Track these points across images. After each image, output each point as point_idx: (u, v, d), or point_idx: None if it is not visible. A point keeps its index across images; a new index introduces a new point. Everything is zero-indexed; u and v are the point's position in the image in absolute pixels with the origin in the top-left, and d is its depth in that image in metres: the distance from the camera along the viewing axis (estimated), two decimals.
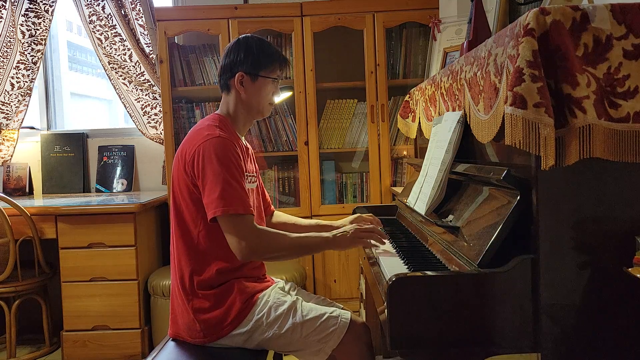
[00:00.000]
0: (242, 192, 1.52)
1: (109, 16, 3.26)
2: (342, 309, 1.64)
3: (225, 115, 1.69)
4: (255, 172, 1.80)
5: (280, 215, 1.97)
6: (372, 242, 1.66)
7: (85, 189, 3.39)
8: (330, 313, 1.57)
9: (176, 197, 1.62)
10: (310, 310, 1.57)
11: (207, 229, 1.57)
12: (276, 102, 1.74)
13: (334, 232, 1.64)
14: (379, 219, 1.89)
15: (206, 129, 1.58)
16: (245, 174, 1.61)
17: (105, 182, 3.36)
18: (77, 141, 3.39)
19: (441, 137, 1.66)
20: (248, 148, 1.77)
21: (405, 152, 3.12)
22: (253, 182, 1.72)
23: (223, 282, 1.58)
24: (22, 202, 2.77)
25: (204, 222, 1.56)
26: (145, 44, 3.25)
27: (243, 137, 1.74)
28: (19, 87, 3.35)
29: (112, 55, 3.29)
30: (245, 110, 1.68)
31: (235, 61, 1.64)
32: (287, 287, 1.76)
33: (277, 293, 1.63)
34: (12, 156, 3.38)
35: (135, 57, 3.27)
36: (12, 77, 3.34)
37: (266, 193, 1.92)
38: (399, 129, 2.75)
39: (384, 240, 1.67)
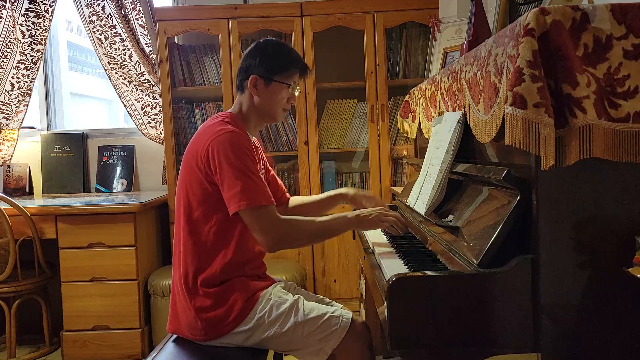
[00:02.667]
0: (261, 184, 1.53)
1: (109, 16, 3.26)
2: (342, 308, 1.64)
3: (237, 114, 1.69)
4: (265, 166, 1.82)
5: (294, 200, 1.98)
6: (394, 227, 1.65)
7: (85, 189, 3.39)
8: (332, 312, 1.57)
9: (186, 194, 1.61)
10: (312, 310, 1.57)
11: (218, 225, 1.57)
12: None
13: (358, 212, 1.66)
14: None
15: (218, 125, 1.58)
16: None
17: (105, 182, 3.36)
18: (77, 141, 3.39)
19: (441, 137, 1.66)
20: (257, 147, 1.77)
21: (405, 152, 3.12)
22: None
23: (225, 280, 1.58)
24: (22, 202, 2.77)
25: (216, 218, 1.57)
26: (145, 44, 3.25)
27: (253, 137, 1.75)
28: (19, 87, 3.35)
29: (112, 55, 3.29)
30: (257, 113, 1.68)
31: (251, 64, 1.64)
32: (287, 287, 1.76)
33: (278, 292, 1.63)
34: (12, 156, 3.38)
35: (135, 57, 3.27)
36: (12, 77, 3.34)
37: (279, 182, 1.94)
38: (399, 129, 2.75)
39: (405, 228, 1.66)
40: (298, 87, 1.71)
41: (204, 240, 1.59)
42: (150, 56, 3.24)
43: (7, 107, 3.35)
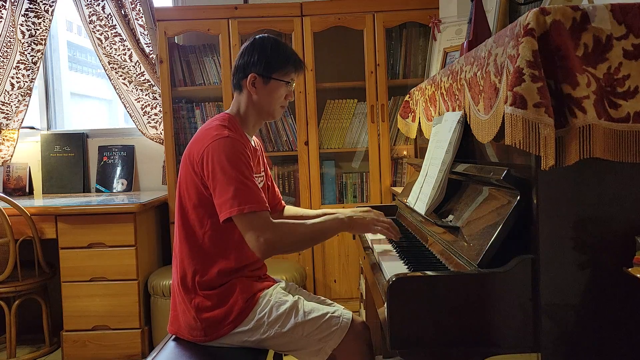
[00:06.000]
0: (255, 189, 1.51)
1: (109, 16, 3.26)
2: (342, 309, 1.64)
3: (235, 115, 1.68)
4: (265, 169, 1.80)
5: (289, 209, 1.97)
6: (387, 232, 1.65)
7: (85, 189, 3.39)
8: (332, 313, 1.57)
9: (182, 197, 1.61)
10: (312, 310, 1.57)
11: (213, 230, 1.57)
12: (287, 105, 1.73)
13: (351, 214, 1.64)
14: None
15: (215, 129, 1.57)
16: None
17: (105, 182, 3.36)
18: (77, 141, 3.39)
19: (441, 137, 1.66)
20: (257, 149, 1.75)
21: (405, 152, 3.12)
22: (259, 183, 1.71)
23: (225, 282, 1.58)
24: (22, 202, 2.77)
25: (210, 223, 1.56)
26: (145, 44, 3.25)
27: (252, 138, 1.74)
28: (19, 87, 3.35)
29: (112, 55, 3.29)
30: (256, 112, 1.67)
31: (249, 62, 1.63)
32: (288, 288, 1.76)
33: (278, 292, 1.63)
34: (12, 156, 3.38)
35: (135, 57, 3.27)
36: (12, 77, 3.34)
37: (276, 189, 1.93)
38: (399, 129, 2.75)
39: (399, 235, 1.66)
40: (294, 84, 1.70)
41: (200, 245, 1.58)
42: (150, 56, 3.24)
43: (7, 107, 3.35)
